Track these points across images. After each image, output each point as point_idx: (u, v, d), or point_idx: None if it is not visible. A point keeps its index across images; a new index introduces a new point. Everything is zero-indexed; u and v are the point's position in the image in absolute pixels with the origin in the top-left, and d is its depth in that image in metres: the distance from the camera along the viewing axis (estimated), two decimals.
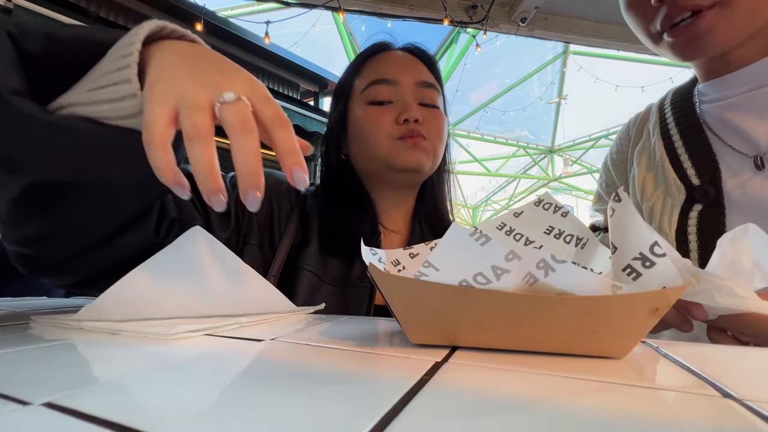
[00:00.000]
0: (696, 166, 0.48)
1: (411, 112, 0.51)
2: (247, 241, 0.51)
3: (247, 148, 0.24)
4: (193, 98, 0.25)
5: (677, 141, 0.51)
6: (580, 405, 0.15)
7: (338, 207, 0.55)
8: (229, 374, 0.19)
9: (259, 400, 0.15)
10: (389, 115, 0.52)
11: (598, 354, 0.23)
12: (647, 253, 0.23)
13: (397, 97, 0.53)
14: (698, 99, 0.52)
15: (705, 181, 0.47)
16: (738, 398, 0.15)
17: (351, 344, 0.25)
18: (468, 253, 0.23)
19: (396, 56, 0.57)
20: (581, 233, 0.34)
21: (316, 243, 0.52)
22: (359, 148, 0.55)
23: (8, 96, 0.25)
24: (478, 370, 0.19)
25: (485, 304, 0.23)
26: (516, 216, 0.36)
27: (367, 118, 0.53)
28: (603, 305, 0.21)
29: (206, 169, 0.24)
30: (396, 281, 0.24)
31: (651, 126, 0.57)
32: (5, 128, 0.26)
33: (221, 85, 0.26)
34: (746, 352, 0.25)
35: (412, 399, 0.15)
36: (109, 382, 0.18)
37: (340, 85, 0.60)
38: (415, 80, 0.54)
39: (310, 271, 0.50)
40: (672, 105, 0.55)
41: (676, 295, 0.21)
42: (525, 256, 0.22)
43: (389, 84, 0.53)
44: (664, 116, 0.55)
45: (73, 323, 0.30)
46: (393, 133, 0.51)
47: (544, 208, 0.35)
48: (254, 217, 0.52)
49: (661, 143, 0.53)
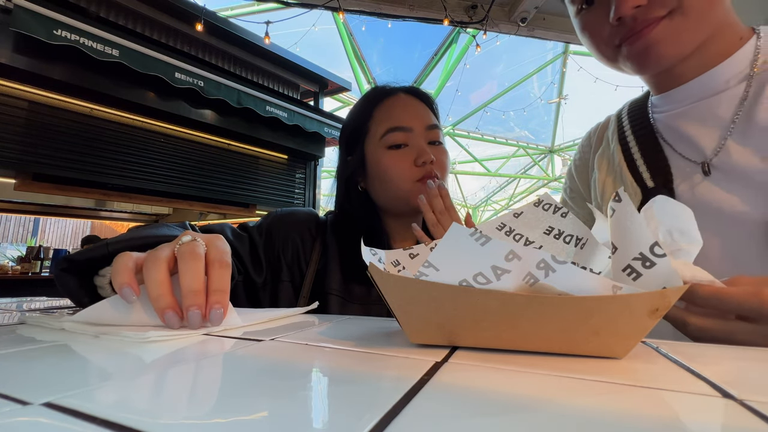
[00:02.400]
0: (650, 170, 0.51)
1: (427, 156, 0.60)
2: (280, 279, 0.60)
3: (191, 271, 0.30)
4: (160, 247, 0.33)
5: (633, 147, 0.55)
6: (580, 405, 0.15)
7: (357, 239, 0.60)
8: (228, 374, 0.19)
9: (259, 400, 0.15)
10: (407, 159, 0.62)
11: (599, 354, 0.23)
12: (647, 253, 0.23)
13: (412, 142, 0.63)
14: (651, 110, 0.57)
15: (659, 184, 0.50)
16: (738, 398, 0.15)
17: (351, 344, 0.25)
18: (468, 253, 0.23)
19: (404, 102, 0.66)
20: (581, 233, 0.34)
21: (338, 269, 0.61)
22: (380, 187, 0.64)
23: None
24: (477, 370, 0.19)
25: (485, 304, 0.23)
26: (516, 216, 0.36)
27: (389, 162, 0.62)
28: (604, 306, 0.21)
29: (157, 288, 0.29)
30: (396, 281, 0.24)
31: (610, 134, 0.61)
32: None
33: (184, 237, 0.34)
34: (746, 352, 0.25)
35: (412, 399, 0.15)
36: (108, 382, 0.18)
37: (354, 126, 0.68)
38: (425, 125, 0.64)
39: (335, 295, 0.59)
40: (629, 115, 0.60)
41: (676, 295, 0.21)
42: (525, 256, 0.22)
43: (405, 131, 0.63)
44: (621, 125, 0.60)
45: (55, 324, 0.31)
46: (412, 176, 0.61)
47: (544, 208, 0.35)
48: (282, 259, 0.61)
49: (620, 149, 0.57)
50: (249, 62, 3.87)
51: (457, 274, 0.23)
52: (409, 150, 0.62)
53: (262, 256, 0.60)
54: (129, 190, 3.12)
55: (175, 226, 0.53)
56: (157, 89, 3.07)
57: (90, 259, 0.42)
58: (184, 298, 0.29)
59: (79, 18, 2.54)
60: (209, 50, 3.62)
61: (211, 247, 0.33)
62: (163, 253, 0.31)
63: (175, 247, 0.32)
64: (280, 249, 0.61)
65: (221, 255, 0.33)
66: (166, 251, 0.32)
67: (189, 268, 0.30)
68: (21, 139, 2.61)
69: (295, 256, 0.62)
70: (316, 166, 4.52)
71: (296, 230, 0.64)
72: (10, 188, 2.78)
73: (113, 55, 2.65)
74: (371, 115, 0.66)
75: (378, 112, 0.66)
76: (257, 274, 0.59)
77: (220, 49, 3.66)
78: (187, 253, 0.31)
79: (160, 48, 2.93)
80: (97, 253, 0.42)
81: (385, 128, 0.63)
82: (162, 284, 0.29)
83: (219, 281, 0.31)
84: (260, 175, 3.99)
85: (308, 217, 0.66)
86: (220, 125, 3.49)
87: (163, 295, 0.29)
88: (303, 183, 4.40)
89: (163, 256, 0.31)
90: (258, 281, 0.59)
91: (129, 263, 0.32)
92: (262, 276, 0.59)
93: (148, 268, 0.30)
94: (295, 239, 0.63)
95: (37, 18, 2.37)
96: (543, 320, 0.22)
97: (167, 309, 0.29)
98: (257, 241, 0.60)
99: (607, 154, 0.60)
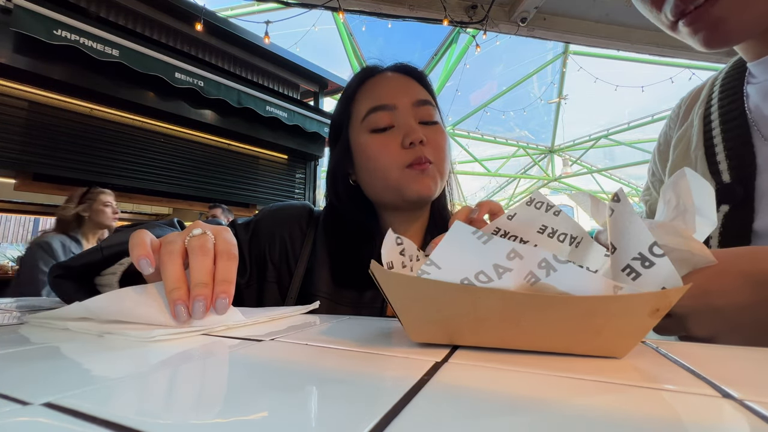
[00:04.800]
0: (730, 160, 0.41)
1: (415, 135, 0.51)
2: (266, 279, 0.56)
3: (201, 264, 0.32)
4: (171, 238, 0.34)
5: (716, 128, 0.43)
6: (580, 405, 0.15)
7: (347, 240, 0.56)
8: (228, 374, 0.19)
9: (259, 400, 0.15)
10: (394, 141, 0.52)
11: (599, 353, 0.23)
12: (646, 253, 0.23)
13: (398, 121, 0.53)
14: (747, 81, 0.44)
15: (736, 178, 0.40)
16: (738, 398, 0.15)
17: (351, 344, 0.25)
18: (470, 251, 0.23)
19: (388, 79, 0.57)
20: (575, 232, 0.33)
21: (327, 271, 0.55)
22: (369, 178, 0.56)
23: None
24: (478, 370, 0.19)
25: (487, 302, 0.23)
26: (510, 219, 0.35)
27: (373, 147, 0.53)
28: (605, 305, 0.21)
29: (174, 282, 0.31)
30: (398, 279, 0.24)
31: (696, 108, 0.48)
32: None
33: (195, 228, 0.35)
34: (746, 352, 0.25)
35: (412, 399, 0.15)
36: (108, 382, 0.18)
37: (337, 114, 0.60)
38: (412, 101, 0.54)
39: (324, 297, 0.53)
40: (721, 84, 0.46)
41: (677, 295, 0.21)
42: (527, 255, 0.22)
43: (388, 109, 0.53)
44: (710, 98, 0.47)
45: (59, 324, 0.31)
46: (401, 160, 0.52)
47: (536, 207, 0.35)
48: (268, 258, 0.56)
49: (701, 130, 0.45)
50: (249, 62, 3.87)
51: (459, 272, 0.23)
52: (395, 131, 0.53)
53: (246, 255, 0.56)
54: (129, 190, 3.12)
55: (163, 224, 0.51)
56: (157, 89, 3.07)
57: (85, 265, 0.42)
58: (193, 289, 0.31)
59: (79, 18, 2.54)
60: (209, 50, 3.62)
61: (219, 239, 0.35)
62: (177, 246, 0.33)
63: (186, 239, 0.33)
64: (266, 248, 0.57)
65: (229, 247, 0.34)
66: (179, 244, 0.33)
67: (199, 262, 0.32)
68: (21, 139, 2.61)
69: (283, 253, 0.57)
70: (316, 166, 4.52)
71: (285, 227, 0.59)
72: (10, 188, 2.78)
73: (113, 55, 2.65)
74: (353, 98, 0.58)
75: (360, 93, 0.57)
76: (240, 274, 0.54)
77: (220, 49, 3.66)
78: (198, 248, 0.32)
79: (160, 48, 2.94)
80: (92, 258, 0.42)
81: (365, 109, 0.54)
82: (179, 279, 0.31)
83: (225, 272, 0.32)
84: (260, 175, 4.00)
85: (300, 212, 0.61)
86: (220, 125, 3.49)
87: (178, 288, 0.30)
88: (303, 183, 4.40)
89: (177, 250, 0.32)
90: (241, 281, 0.55)
91: (146, 239, 0.33)
92: (246, 276, 0.56)
93: (164, 261, 0.32)
94: (284, 237, 0.58)
95: (37, 18, 2.37)
96: (545, 319, 0.22)
97: (179, 301, 0.30)
98: (242, 239, 0.57)
99: (687, 135, 0.48)
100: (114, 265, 0.44)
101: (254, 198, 3.91)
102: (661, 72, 5.77)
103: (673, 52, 2.89)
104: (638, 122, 7.22)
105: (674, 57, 3.03)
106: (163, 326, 0.29)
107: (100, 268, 0.43)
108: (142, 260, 0.32)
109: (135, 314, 0.31)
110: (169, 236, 0.34)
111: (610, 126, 7.68)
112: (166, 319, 0.30)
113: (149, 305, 0.31)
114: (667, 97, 6.67)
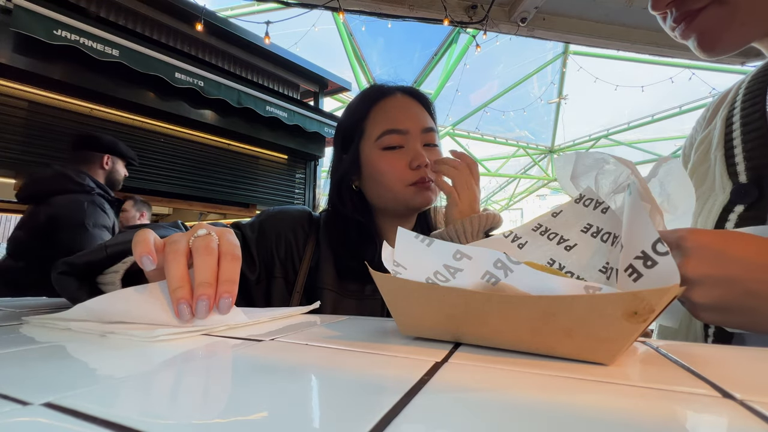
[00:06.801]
0: (748, 161, 0.41)
1: (422, 159, 0.61)
2: (273, 275, 0.61)
3: (205, 264, 0.32)
4: (175, 238, 0.34)
5: (737, 130, 0.43)
6: (579, 405, 0.15)
7: (350, 238, 0.63)
8: (228, 374, 0.19)
9: (259, 400, 0.15)
10: (402, 161, 0.61)
11: (580, 358, 0.22)
12: (649, 251, 0.22)
13: (408, 144, 0.63)
14: None
15: (753, 179, 0.40)
16: (738, 398, 0.15)
17: (351, 344, 0.25)
18: (419, 253, 0.24)
19: (401, 103, 0.66)
20: (619, 231, 0.32)
21: (332, 265, 0.62)
22: (374, 187, 0.64)
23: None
24: (478, 370, 0.19)
25: (450, 300, 0.23)
26: (554, 216, 0.35)
27: (384, 164, 0.62)
28: (567, 305, 0.20)
29: (178, 281, 0.31)
30: (383, 278, 0.25)
31: (722, 110, 0.48)
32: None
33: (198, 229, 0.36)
34: (746, 352, 0.25)
35: (412, 399, 0.15)
36: (108, 382, 0.18)
37: (349, 125, 0.67)
38: (421, 127, 0.64)
39: (329, 290, 0.60)
40: (747, 86, 0.46)
41: (656, 297, 0.18)
42: (475, 256, 0.23)
43: (401, 133, 0.62)
44: (735, 99, 0.46)
45: (61, 324, 0.31)
46: (407, 179, 0.61)
47: (585, 204, 0.34)
48: (275, 255, 0.62)
49: (723, 131, 0.45)
50: (249, 62, 3.87)
51: (422, 272, 0.24)
52: (404, 152, 0.62)
53: (254, 253, 0.61)
54: (129, 190, 3.12)
55: (168, 226, 0.53)
56: (157, 89, 3.07)
57: (89, 263, 0.42)
58: (196, 289, 0.31)
59: (79, 18, 2.54)
60: (209, 50, 3.62)
61: (222, 240, 0.35)
62: (181, 246, 0.33)
63: (190, 239, 0.34)
64: (273, 245, 0.62)
65: (233, 248, 0.35)
66: (183, 244, 0.33)
67: (203, 262, 0.32)
68: (21, 139, 2.61)
69: (288, 252, 0.63)
70: (316, 166, 4.52)
71: (289, 227, 0.64)
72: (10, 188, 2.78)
73: (113, 55, 2.65)
74: (367, 115, 0.66)
75: (374, 112, 0.65)
76: (250, 271, 0.60)
77: (220, 49, 3.66)
78: (202, 248, 0.33)
79: (160, 48, 2.94)
80: (95, 257, 0.42)
81: (381, 130, 0.63)
82: (182, 278, 0.31)
83: (229, 272, 0.33)
84: (260, 175, 4.00)
85: (301, 215, 0.67)
86: (220, 125, 3.49)
87: (182, 287, 0.31)
88: (303, 183, 4.40)
89: (181, 249, 0.33)
90: (251, 278, 0.60)
91: (150, 238, 0.34)
92: (255, 273, 0.60)
93: (169, 260, 0.32)
94: (288, 235, 0.63)
95: (37, 18, 2.37)
96: (509, 319, 0.22)
97: (182, 300, 0.30)
98: (249, 238, 0.61)
99: (709, 137, 0.48)
100: (117, 263, 0.44)
101: (254, 198, 3.91)
102: (661, 72, 5.78)
103: (673, 52, 2.89)
104: (638, 122, 7.23)
105: (674, 57, 3.03)
106: (166, 326, 0.29)
107: (104, 266, 0.43)
108: (144, 257, 0.32)
109: (137, 314, 0.31)
110: (173, 236, 0.35)
111: (610, 126, 7.69)
112: (168, 319, 0.30)
113: (152, 304, 0.32)
114: (667, 97, 6.68)
